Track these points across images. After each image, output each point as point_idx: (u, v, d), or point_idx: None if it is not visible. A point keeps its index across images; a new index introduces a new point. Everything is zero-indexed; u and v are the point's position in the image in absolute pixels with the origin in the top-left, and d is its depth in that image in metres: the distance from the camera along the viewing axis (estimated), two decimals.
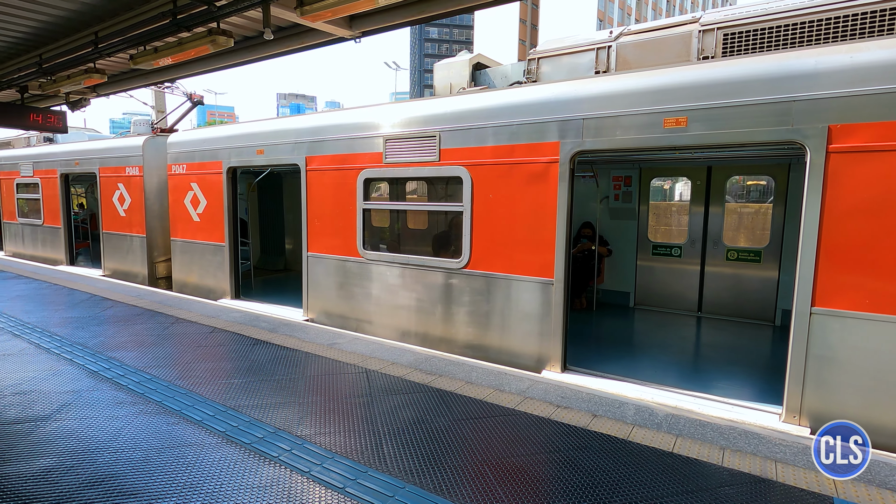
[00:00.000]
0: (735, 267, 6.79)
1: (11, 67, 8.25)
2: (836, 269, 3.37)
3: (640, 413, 3.50)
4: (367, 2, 4.45)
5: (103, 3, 5.85)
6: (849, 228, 3.33)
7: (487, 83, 5.79)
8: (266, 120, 7.14)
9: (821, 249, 3.41)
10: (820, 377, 3.46)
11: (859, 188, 3.28)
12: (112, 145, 9.30)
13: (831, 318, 3.40)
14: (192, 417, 3.38)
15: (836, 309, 3.39)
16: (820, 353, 3.45)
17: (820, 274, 3.42)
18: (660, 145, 3.99)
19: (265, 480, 2.66)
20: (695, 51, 4.40)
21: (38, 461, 2.82)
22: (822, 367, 3.45)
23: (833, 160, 3.35)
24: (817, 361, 3.46)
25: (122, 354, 4.66)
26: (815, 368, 3.47)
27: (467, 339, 5.10)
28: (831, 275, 3.39)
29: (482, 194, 4.86)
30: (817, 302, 3.44)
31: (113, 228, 9.24)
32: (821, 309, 3.43)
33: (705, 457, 2.92)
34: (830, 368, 3.43)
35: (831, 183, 3.36)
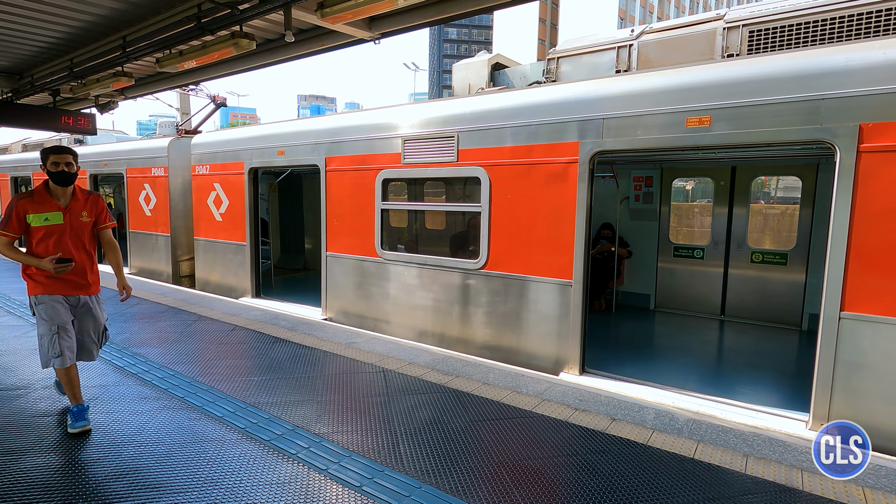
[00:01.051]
0: (760, 269, 6.63)
1: (45, 71, 8.54)
2: (867, 272, 3.26)
3: (660, 417, 3.44)
4: (386, 3, 4.47)
5: (131, 8, 6.01)
6: (880, 230, 3.21)
7: (506, 83, 5.77)
8: (286, 121, 7.24)
9: (851, 252, 3.30)
10: (849, 384, 3.35)
11: (892, 188, 3.17)
12: (139, 147, 9.55)
13: (861, 323, 3.29)
14: (213, 413, 3.44)
15: (866, 314, 3.27)
16: (849, 359, 3.34)
17: (850, 277, 3.31)
18: (682, 145, 3.91)
19: (283, 477, 2.69)
20: (719, 48, 4.31)
21: (66, 453, 2.90)
22: (852, 373, 3.34)
23: (864, 160, 3.24)
24: (846, 368, 3.35)
25: (147, 350, 4.77)
26: (845, 375, 3.36)
27: (484, 340, 5.08)
28: (862, 278, 3.28)
29: (500, 195, 4.84)
30: (847, 306, 3.33)
31: (139, 228, 9.48)
32: (850, 314, 3.32)
33: (728, 464, 2.86)
34: (860, 375, 3.32)
35: (862, 183, 3.25)
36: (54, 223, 3.21)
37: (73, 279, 3.27)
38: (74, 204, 3.31)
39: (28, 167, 12.66)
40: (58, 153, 3.19)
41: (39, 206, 3.19)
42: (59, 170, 3.20)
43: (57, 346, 3.07)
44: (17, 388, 3.82)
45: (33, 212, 3.17)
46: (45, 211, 3.19)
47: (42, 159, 3.22)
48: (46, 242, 3.21)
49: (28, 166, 12.66)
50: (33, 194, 3.22)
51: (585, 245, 4.38)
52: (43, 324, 3.12)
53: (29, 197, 3.20)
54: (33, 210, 3.17)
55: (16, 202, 3.16)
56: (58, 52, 7.73)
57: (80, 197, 3.35)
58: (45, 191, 3.26)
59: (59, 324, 3.12)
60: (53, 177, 3.20)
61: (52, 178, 3.20)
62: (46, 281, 3.20)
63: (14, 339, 5.07)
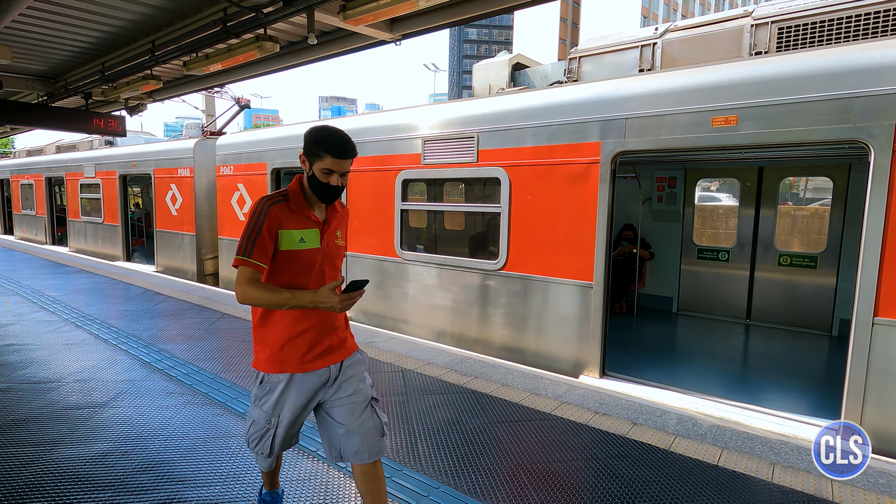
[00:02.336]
0: (788, 273, 6.44)
1: (78, 75, 8.84)
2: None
3: (682, 423, 3.37)
4: (407, 5, 4.50)
5: (160, 13, 6.18)
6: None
7: (527, 83, 5.74)
8: (308, 122, 7.34)
9: (885, 256, 3.18)
10: (882, 392, 3.23)
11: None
12: (166, 148, 9.80)
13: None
14: (235, 410, 3.51)
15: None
16: (883, 366, 3.22)
17: (884, 282, 3.19)
18: (707, 145, 3.83)
19: (303, 474, 2.73)
20: (747, 46, 4.20)
21: (96, 445, 2.99)
22: (886, 381, 3.22)
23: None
24: (880, 375, 3.24)
25: (173, 347, 4.89)
26: (877, 382, 3.24)
27: (503, 342, 5.06)
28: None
29: (520, 195, 4.82)
30: (881, 312, 3.21)
31: (166, 227, 9.72)
32: (884, 319, 3.20)
33: (753, 472, 2.78)
34: (894, 383, 3.20)
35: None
36: (310, 247, 1.98)
37: (326, 339, 2.05)
38: (332, 219, 2.09)
39: (61, 168, 13.10)
40: (342, 153, 1.95)
41: (296, 218, 1.97)
42: (329, 182, 1.96)
43: (268, 445, 2.06)
44: (49, 382, 3.96)
45: (289, 226, 1.94)
46: (303, 227, 1.98)
47: (309, 150, 1.95)
48: (292, 279, 1.98)
49: (61, 167, 13.10)
50: (288, 197, 1.99)
51: (607, 246, 4.33)
52: (261, 412, 2.04)
53: (283, 201, 1.97)
54: (289, 224, 1.95)
55: (266, 207, 1.92)
56: (90, 56, 8.00)
57: (338, 208, 2.15)
58: (302, 195, 2.02)
59: (282, 419, 2.03)
60: (317, 188, 1.98)
61: (315, 188, 1.98)
62: (285, 351, 1.98)
63: (47, 333, 5.26)
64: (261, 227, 1.89)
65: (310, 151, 1.95)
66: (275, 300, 1.86)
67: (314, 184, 1.97)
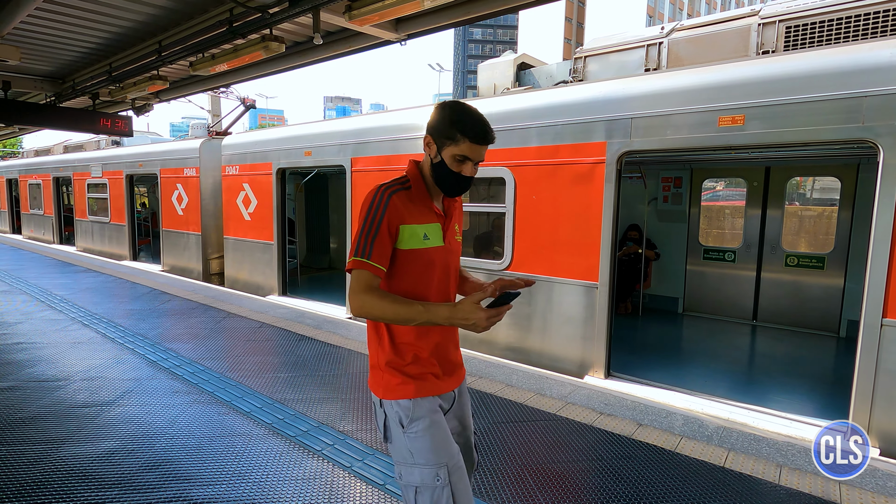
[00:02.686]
0: (795, 273, 6.40)
1: (86, 76, 8.90)
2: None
3: (688, 424, 3.35)
4: (413, 4, 4.50)
5: (167, 13, 6.21)
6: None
7: (532, 83, 5.72)
8: (313, 122, 7.36)
9: (894, 256, 3.15)
10: (891, 394, 3.20)
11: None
12: (172, 148, 9.85)
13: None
14: (241, 409, 3.52)
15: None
16: (892, 368, 3.19)
17: (893, 283, 3.16)
18: (714, 145, 3.81)
19: (308, 473, 2.73)
20: (754, 45, 4.18)
21: (103, 443, 3.01)
22: (894, 383, 3.19)
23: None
24: (889, 377, 3.21)
25: (179, 346, 4.92)
26: (886, 384, 3.21)
27: (508, 342, 5.05)
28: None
29: (525, 195, 4.81)
30: (890, 313, 3.18)
31: (171, 226, 9.77)
32: (893, 321, 3.17)
33: (760, 473, 2.77)
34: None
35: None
36: (433, 245, 1.62)
37: (451, 354, 1.71)
38: (452, 211, 1.73)
39: (69, 168, 13.20)
40: (483, 138, 1.55)
41: (417, 210, 1.62)
42: (460, 172, 1.59)
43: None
44: (57, 380, 3.99)
45: (410, 220, 1.59)
46: (425, 221, 1.62)
47: (440, 130, 1.57)
48: (410, 285, 1.61)
49: (69, 167, 13.20)
50: (409, 185, 1.64)
51: (612, 247, 4.31)
52: (423, 470, 1.52)
53: (404, 190, 1.62)
54: (411, 217, 1.59)
55: (387, 197, 1.57)
56: (98, 56, 8.05)
57: (457, 199, 1.77)
58: (423, 183, 1.66)
59: (449, 462, 1.54)
60: (445, 178, 1.61)
61: (442, 178, 1.62)
62: (420, 370, 1.61)
63: (54, 332, 5.30)
64: (380, 222, 1.53)
65: (441, 132, 1.57)
66: (403, 314, 1.47)
67: (441, 172, 1.60)
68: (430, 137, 1.61)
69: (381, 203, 1.55)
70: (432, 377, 1.62)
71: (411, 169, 1.69)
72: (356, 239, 1.54)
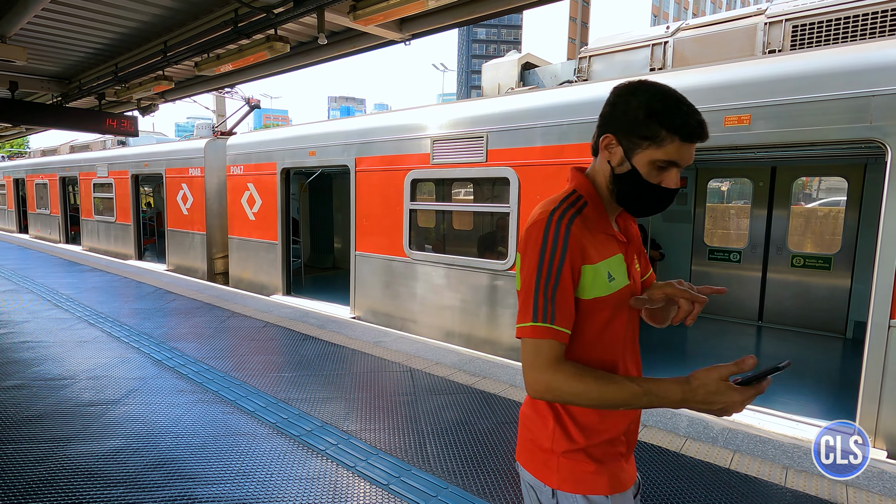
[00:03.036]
0: (801, 274, 6.36)
1: (92, 76, 8.95)
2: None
3: (693, 425, 3.34)
4: (417, 4, 4.50)
5: (172, 14, 6.24)
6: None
7: (536, 83, 5.71)
8: (317, 122, 7.37)
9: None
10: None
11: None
12: (177, 148, 9.89)
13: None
14: (245, 408, 3.53)
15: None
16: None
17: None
18: (719, 145, 3.79)
19: (312, 472, 2.74)
20: (760, 45, 4.15)
21: (108, 442, 3.03)
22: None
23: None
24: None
25: (183, 345, 4.93)
26: (894, 386, 3.19)
27: (512, 342, 5.04)
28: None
29: (530, 195, 4.80)
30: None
31: (176, 226, 9.81)
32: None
33: (766, 475, 2.75)
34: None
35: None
36: (618, 288, 1.19)
37: (634, 438, 1.32)
38: (630, 234, 1.31)
39: (75, 168, 13.28)
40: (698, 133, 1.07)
41: (596, 240, 1.17)
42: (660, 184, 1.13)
43: None
44: (63, 379, 4.01)
45: (593, 258, 1.15)
46: (607, 254, 1.18)
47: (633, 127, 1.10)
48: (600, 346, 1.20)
49: (75, 167, 13.28)
50: (584, 205, 1.18)
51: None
52: None
53: (579, 214, 1.16)
54: (593, 252, 1.15)
55: (565, 229, 1.11)
56: (104, 57, 8.10)
57: (627, 217, 1.32)
58: (600, 201, 1.22)
59: None
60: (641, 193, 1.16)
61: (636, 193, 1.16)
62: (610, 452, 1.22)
63: (61, 331, 5.33)
64: (560, 266, 1.09)
65: (632, 129, 1.11)
66: (611, 397, 1.04)
67: (631, 186, 1.15)
68: (613, 137, 1.14)
69: (558, 238, 1.10)
70: (623, 462, 1.24)
71: (581, 181, 1.22)
72: (528, 293, 1.11)
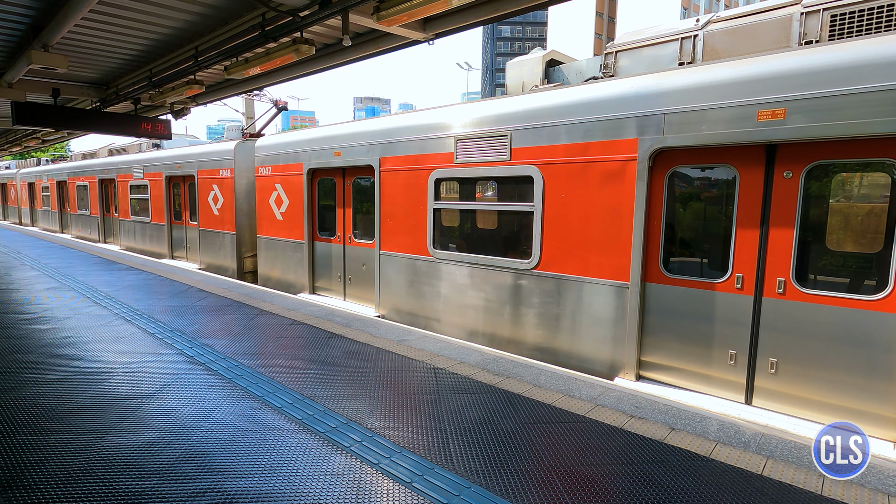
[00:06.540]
0: None
1: (128, 81, 9.29)
2: None
3: (724, 429, 3.24)
4: (440, 3, 4.49)
5: (202, 19, 6.42)
6: None
7: (561, 80, 5.64)
8: (342, 123, 7.46)
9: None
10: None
11: None
12: (208, 150, 10.17)
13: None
14: (272, 404, 3.61)
15: None
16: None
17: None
18: (752, 140, 3.67)
19: (337, 469, 2.77)
20: (796, 35, 3.99)
21: (143, 434, 3.14)
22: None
23: None
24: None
25: (214, 342, 5.07)
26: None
27: (536, 342, 5.00)
28: None
29: (554, 194, 4.74)
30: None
31: (207, 226, 10.09)
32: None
33: (801, 483, 2.65)
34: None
35: None
36: None
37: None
38: None
39: (113, 170, 13.80)
40: None
41: None
42: None
43: None
44: (101, 373, 4.18)
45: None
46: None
47: None
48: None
49: (113, 169, 13.80)
50: None
51: (643, 246, 4.20)
52: None
53: None
54: None
55: None
56: (139, 63, 8.40)
57: None
58: None
59: None
60: None
61: None
62: None
63: (99, 327, 5.55)
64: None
65: None
66: None
67: None
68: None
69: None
70: None
71: None
72: None
